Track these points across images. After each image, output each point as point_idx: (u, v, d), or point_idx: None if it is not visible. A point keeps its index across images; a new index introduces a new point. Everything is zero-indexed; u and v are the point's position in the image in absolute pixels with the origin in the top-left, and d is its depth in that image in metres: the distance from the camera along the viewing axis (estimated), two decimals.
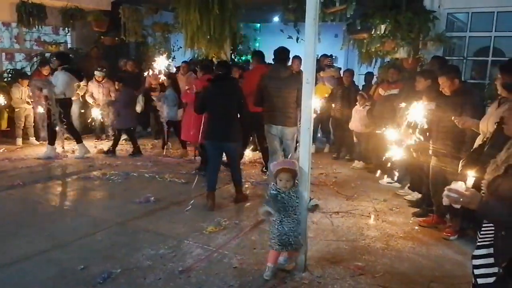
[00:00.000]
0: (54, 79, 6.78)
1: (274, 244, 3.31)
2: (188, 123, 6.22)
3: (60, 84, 6.71)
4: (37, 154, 7.11)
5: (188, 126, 6.26)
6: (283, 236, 3.27)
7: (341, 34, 11.15)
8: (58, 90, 6.69)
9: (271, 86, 5.17)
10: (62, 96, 6.77)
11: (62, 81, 6.73)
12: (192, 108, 5.76)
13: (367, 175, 6.57)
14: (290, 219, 3.28)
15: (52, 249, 3.74)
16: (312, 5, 3.17)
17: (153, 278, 3.28)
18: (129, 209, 4.80)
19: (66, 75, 6.80)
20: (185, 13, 7.43)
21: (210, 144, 5.00)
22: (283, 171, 3.28)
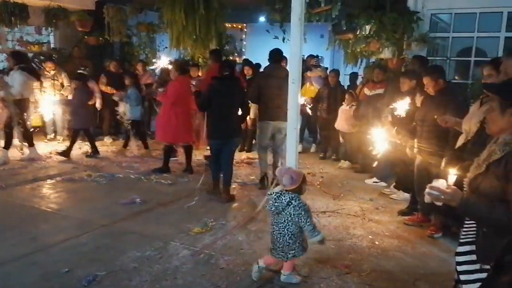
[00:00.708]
0: (11, 80, 6.50)
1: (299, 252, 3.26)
2: (163, 124, 6.24)
3: (17, 84, 6.43)
4: (21, 156, 6.98)
5: (163, 126, 6.26)
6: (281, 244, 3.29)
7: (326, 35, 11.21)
8: (15, 91, 6.41)
9: (269, 85, 5.43)
10: (19, 97, 6.50)
11: (19, 81, 6.45)
12: (165, 109, 6.09)
13: (353, 174, 6.61)
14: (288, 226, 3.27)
15: (35, 252, 3.67)
16: (297, 5, 3.19)
17: (139, 280, 3.25)
18: (115, 210, 4.74)
19: (23, 75, 6.52)
20: (170, 13, 7.39)
21: (217, 142, 5.20)
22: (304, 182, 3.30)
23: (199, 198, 5.24)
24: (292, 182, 3.16)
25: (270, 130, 5.57)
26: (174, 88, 6.12)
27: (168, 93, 6.14)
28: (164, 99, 6.20)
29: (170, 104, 6.08)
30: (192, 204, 5.00)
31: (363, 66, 7.81)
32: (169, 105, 6.11)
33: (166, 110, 6.17)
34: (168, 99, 6.10)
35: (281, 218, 3.18)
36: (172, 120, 6.07)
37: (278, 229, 3.20)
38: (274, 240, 3.25)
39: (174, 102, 6.05)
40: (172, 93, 6.08)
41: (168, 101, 6.11)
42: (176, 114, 6.07)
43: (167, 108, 6.15)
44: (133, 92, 7.25)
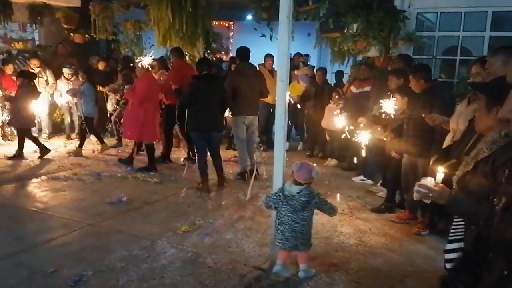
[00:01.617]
0: None
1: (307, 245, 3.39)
2: (130, 121, 6.24)
3: None
4: (4, 154, 6.87)
5: (129, 124, 6.26)
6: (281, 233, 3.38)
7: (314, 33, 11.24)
8: None
9: (243, 82, 5.81)
10: None
11: None
12: (134, 107, 6.12)
13: (340, 172, 6.65)
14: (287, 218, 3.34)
15: (20, 252, 3.62)
16: (285, 4, 3.19)
17: (126, 279, 3.22)
18: (101, 209, 4.69)
19: None
20: (157, 11, 7.33)
21: (199, 136, 5.47)
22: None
23: (186, 196, 5.24)
24: (311, 177, 3.28)
25: (247, 123, 6.00)
26: (143, 85, 6.10)
27: (137, 90, 6.09)
28: (133, 96, 6.14)
29: (138, 101, 6.08)
30: (180, 202, 4.99)
31: (350, 65, 7.86)
32: (136, 102, 6.11)
33: (135, 108, 6.14)
34: (137, 96, 6.07)
35: (307, 211, 3.27)
36: (141, 117, 6.08)
37: (301, 221, 3.24)
38: (296, 235, 3.25)
39: (144, 99, 6.06)
40: (141, 90, 6.06)
41: (137, 98, 6.08)
42: (145, 111, 6.09)
43: (135, 105, 6.13)
44: (88, 88, 7.08)
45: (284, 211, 3.25)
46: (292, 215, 3.23)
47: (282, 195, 3.25)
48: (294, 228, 3.23)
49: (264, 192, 5.44)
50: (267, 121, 7.81)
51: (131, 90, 6.25)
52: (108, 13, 9.19)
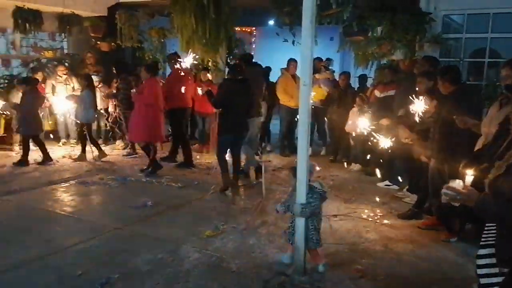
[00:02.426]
0: None
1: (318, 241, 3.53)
2: (137, 124, 6.36)
3: None
4: (34, 159, 7.07)
5: (137, 126, 6.38)
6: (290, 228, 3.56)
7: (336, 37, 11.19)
8: None
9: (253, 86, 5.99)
10: None
11: None
12: (141, 109, 6.24)
13: (364, 177, 6.56)
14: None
15: (50, 255, 3.70)
16: (308, 8, 3.18)
17: (151, 283, 3.25)
18: (127, 214, 4.77)
19: None
20: (181, 18, 7.45)
21: (229, 137, 5.60)
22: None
23: (209, 200, 5.30)
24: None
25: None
26: (150, 89, 6.28)
27: (145, 93, 6.24)
28: (142, 99, 6.27)
29: (145, 104, 6.22)
30: (203, 207, 5.04)
31: (373, 68, 7.77)
32: (144, 105, 6.25)
33: (142, 110, 6.29)
34: (145, 99, 6.22)
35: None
36: (148, 120, 6.25)
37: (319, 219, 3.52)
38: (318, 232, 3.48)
39: (151, 102, 6.23)
40: (149, 93, 6.23)
41: (145, 101, 6.23)
42: (152, 114, 6.28)
43: (142, 108, 6.28)
44: (88, 95, 7.12)
45: None
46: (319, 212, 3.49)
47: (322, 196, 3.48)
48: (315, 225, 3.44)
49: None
50: (290, 126, 7.79)
51: (138, 93, 6.35)
52: (134, 21, 9.41)
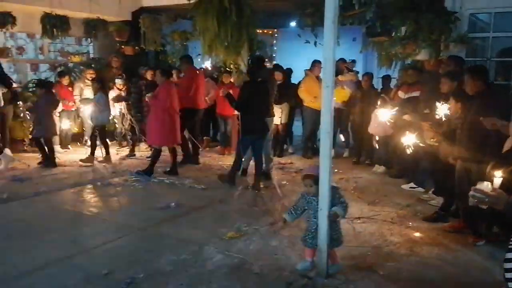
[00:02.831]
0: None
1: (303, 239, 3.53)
2: (154, 128, 6.42)
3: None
4: (65, 161, 7.26)
5: (154, 130, 6.44)
6: (308, 232, 3.48)
7: (359, 38, 11.08)
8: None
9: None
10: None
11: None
12: (158, 113, 6.31)
13: (388, 180, 6.47)
14: (313, 221, 3.43)
15: (77, 254, 3.80)
16: (330, 9, 3.16)
17: (175, 283, 3.29)
18: (151, 215, 4.84)
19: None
20: (203, 21, 7.50)
21: (251, 138, 5.83)
22: (306, 178, 3.45)
23: (232, 202, 5.33)
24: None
25: None
26: (165, 92, 6.33)
27: (161, 97, 6.30)
28: (157, 103, 6.33)
29: (162, 107, 6.28)
30: (226, 209, 5.07)
31: (397, 69, 7.65)
32: (160, 109, 6.31)
33: (158, 114, 6.35)
34: (161, 103, 6.28)
35: None
36: (164, 123, 6.32)
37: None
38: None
39: (167, 105, 6.29)
40: (164, 97, 6.29)
41: (160, 105, 6.29)
42: (168, 117, 6.35)
43: (159, 112, 6.34)
44: (102, 97, 7.23)
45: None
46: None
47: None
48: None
49: None
50: (313, 128, 7.75)
51: (153, 97, 6.40)
52: (157, 25, 9.57)
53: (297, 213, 3.53)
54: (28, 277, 3.39)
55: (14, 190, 5.66)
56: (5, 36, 8.70)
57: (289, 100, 7.91)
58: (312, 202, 3.41)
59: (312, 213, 3.43)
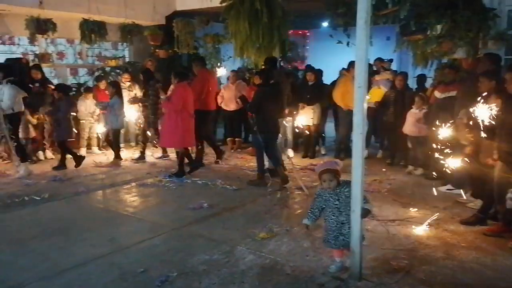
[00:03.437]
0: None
1: (325, 240, 3.48)
2: (168, 131, 6.47)
3: (6, 98, 6.25)
4: (100, 162, 7.50)
5: (168, 133, 6.49)
6: (329, 232, 3.42)
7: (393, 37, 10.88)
8: (5, 105, 6.24)
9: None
10: (10, 111, 6.32)
11: (8, 95, 6.27)
12: (171, 116, 6.38)
13: (424, 181, 6.31)
14: (332, 219, 3.39)
15: (113, 252, 3.92)
16: (363, 8, 3.13)
17: (208, 282, 3.34)
18: (184, 215, 4.93)
19: (12, 88, 6.35)
20: (235, 23, 7.57)
21: (268, 137, 6.01)
22: (325, 172, 3.37)
23: (263, 203, 5.34)
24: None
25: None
26: (180, 94, 6.38)
27: (174, 99, 6.35)
28: (170, 106, 6.39)
29: (175, 110, 6.33)
30: (257, 209, 5.10)
31: (433, 68, 7.45)
32: (173, 112, 6.36)
33: (173, 117, 6.39)
34: (175, 105, 6.33)
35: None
36: (179, 126, 6.36)
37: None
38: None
39: (180, 108, 6.34)
40: (178, 99, 6.34)
41: (173, 108, 6.34)
42: (182, 120, 6.38)
43: (173, 114, 6.38)
44: (117, 102, 7.30)
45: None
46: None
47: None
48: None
49: None
50: (348, 129, 7.66)
51: (167, 100, 6.47)
52: (190, 29, 9.74)
53: (315, 214, 3.47)
54: (68, 273, 3.53)
55: (55, 190, 5.91)
56: (46, 42, 9.09)
57: (321, 101, 7.86)
58: (330, 200, 3.38)
59: (330, 210, 3.40)
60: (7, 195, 5.61)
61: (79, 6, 8.30)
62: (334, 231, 3.39)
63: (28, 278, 3.42)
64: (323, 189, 3.43)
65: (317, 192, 3.50)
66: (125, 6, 8.82)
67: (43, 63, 8.43)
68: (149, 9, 9.43)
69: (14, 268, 3.62)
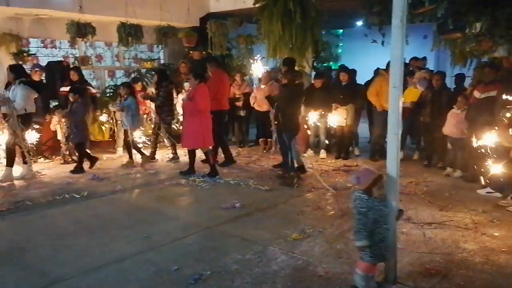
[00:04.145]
0: (12, 94, 6.31)
1: (365, 256, 3.05)
2: (194, 131, 6.49)
3: (19, 99, 6.27)
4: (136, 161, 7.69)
5: (190, 134, 6.52)
6: (375, 247, 3.04)
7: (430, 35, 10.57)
8: (18, 106, 6.24)
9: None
10: (23, 112, 6.34)
11: (21, 95, 6.29)
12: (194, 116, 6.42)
13: (462, 184, 6.12)
14: (381, 229, 3.06)
15: (148, 250, 4.02)
16: (399, 6, 3.07)
17: (240, 281, 3.37)
18: (217, 214, 4.99)
19: (24, 89, 6.36)
20: (268, 24, 7.60)
21: (292, 135, 6.26)
22: (381, 178, 3.08)
23: (295, 204, 5.33)
24: (357, 182, 3.08)
25: None
26: (201, 95, 6.42)
27: (199, 100, 6.38)
28: (194, 106, 6.41)
29: (198, 110, 6.39)
30: (289, 210, 5.09)
31: (472, 67, 7.21)
32: (196, 112, 6.41)
33: (196, 117, 6.44)
34: (197, 105, 6.38)
35: None
36: (202, 126, 6.46)
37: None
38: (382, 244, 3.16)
39: (203, 108, 6.41)
40: (200, 99, 6.39)
41: (197, 108, 6.39)
42: (203, 119, 6.47)
43: (196, 114, 6.43)
44: (132, 102, 7.27)
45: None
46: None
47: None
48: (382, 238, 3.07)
49: None
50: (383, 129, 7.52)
51: (189, 100, 6.49)
52: (223, 30, 9.84)
53: (368, 230, 3.01)
54: (106, 268, 3.65)
55: (93, 188, 6.12)
56: (85, 45, 9.42)
57: (355, 101, 7.75)
58: (382, 209, 3.04)
59: (383, 220, 3.04)
60: (50, 192, 5.86)
61: (116, 10, 8.55)
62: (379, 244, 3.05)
63: (68, 272, 3.56)
64: (373, 198, 3.03)
65: (365, 204, 3.01)
66: (160, 9, 9.02)
67: (82, 65, 8.73)
68: (184, 11, 9.60)
69: (55, 262, 3.79)
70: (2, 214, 5.03)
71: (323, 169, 7.11)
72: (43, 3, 7.89)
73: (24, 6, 7.73)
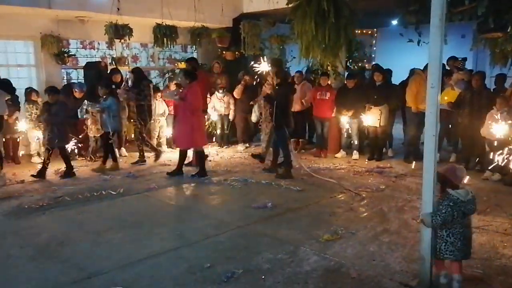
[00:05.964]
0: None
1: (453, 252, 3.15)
2: (187, 131, 6.44)
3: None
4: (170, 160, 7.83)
5: (187, 133, 6.46)
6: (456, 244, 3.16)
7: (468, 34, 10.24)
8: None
9: None
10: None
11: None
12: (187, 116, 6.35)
13: (501, 188, 5.91)
14: (460, 230, 3.20)
15: (181, 247, 4.09)
16: (438, 5, 3.00)
17: (272, 280, 3.38)
18: (248, 213, 5.02)
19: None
20: (301, 24, 7.55)
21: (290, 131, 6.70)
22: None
23: (327, 204, 5.30)
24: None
25: None
26: (193, 94, 6.36)
27: (192, 99, 6.33)
28: (187, 105, 6.35)
29: (190, 110, 6.33)
30: (321, 211, 5.07)
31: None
32: (189, 111, 6.36)
33: (187, 117, 6.40)
34: (193, 105, 6.34)
35: None
36: (194, 126, 6.41)
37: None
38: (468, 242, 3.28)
39: (196, 107, 6.37)
40: (193, 99, 6.34)
41: (190, 107, 6.33)
42: (197, 119, 6.44)
43: (189, 114, 6.38)
44: (113, 103, 7.05)
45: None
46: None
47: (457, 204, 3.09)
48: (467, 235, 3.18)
49: (409, 206, 5.16)
50: (417, 130, 7.35)
51: (181, 100, 6.44)
52: (256, 30, 9.87)
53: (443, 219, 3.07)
54: (140, 264, 3.74)
55: (129, 185, 6.28)
56: (122, 46, 9.67)
57: (389, 102, 7.61)
58: (462, 207, 3.12)
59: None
60: (87, 189, 6.05)
61: (152, 11, 8.73)
62: (463, 241, 3.15)
63: (105, 267, 3.67)
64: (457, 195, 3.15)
65: (453, 199, 3.13)
66: (194, 10, 9.14)
67: (119, 66, 8.97)
68: (217, 12, 9.69)
69: (92, 256, 3.91)
70: (43, 209, 5.24)
71: (355, 170, 7.02)
72: (83, 5, 8.16)
73: (65, 9, 8.01)
